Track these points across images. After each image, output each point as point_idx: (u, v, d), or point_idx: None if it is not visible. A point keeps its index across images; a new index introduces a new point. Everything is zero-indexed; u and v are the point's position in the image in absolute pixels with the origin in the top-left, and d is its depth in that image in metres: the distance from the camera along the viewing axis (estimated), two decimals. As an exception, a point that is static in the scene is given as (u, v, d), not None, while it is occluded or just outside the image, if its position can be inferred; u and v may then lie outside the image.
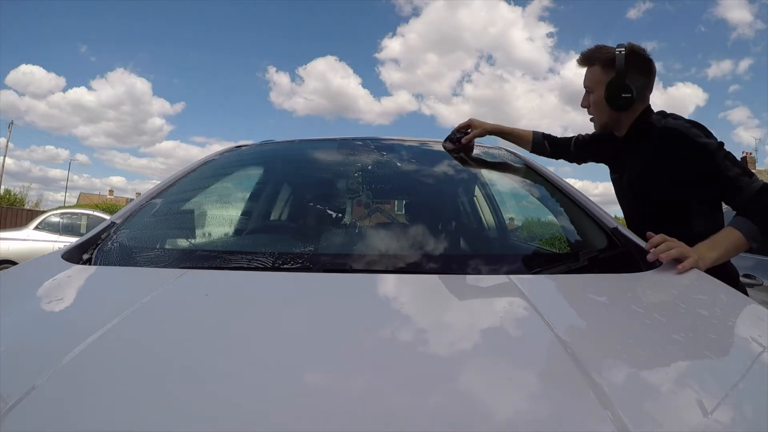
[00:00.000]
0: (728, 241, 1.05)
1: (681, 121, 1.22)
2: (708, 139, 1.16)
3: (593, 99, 1.32)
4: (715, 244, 1.03)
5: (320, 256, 0.94)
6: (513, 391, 0.48)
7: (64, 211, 7.40)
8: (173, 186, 1.30)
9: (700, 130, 1.18)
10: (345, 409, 0.44)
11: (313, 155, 1.58)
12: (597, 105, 1.32)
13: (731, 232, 1.06)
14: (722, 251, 1.02)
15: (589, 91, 1.33)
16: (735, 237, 1.05)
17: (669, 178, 1.22)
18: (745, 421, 0.46)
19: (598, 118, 1.35)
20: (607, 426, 0.42)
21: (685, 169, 1.18)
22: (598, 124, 1.37)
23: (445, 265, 0.93)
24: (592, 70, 1.31)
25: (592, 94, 1.32)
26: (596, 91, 1.30)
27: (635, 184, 1.31)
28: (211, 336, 0.59)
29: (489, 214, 1.83)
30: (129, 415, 0.44)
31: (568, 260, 0.91)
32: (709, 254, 0.98)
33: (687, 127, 1.19)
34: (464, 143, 1.51)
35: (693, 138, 1.16)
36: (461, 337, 0.61)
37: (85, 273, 0.86)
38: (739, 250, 1.06)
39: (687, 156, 1.17)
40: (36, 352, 0.56)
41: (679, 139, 1.18)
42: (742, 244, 1.05)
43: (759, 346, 0.62)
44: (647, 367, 0.54)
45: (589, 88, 1.33)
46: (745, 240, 1.05)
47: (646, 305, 0.75)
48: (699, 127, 1.19)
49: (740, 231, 1.05)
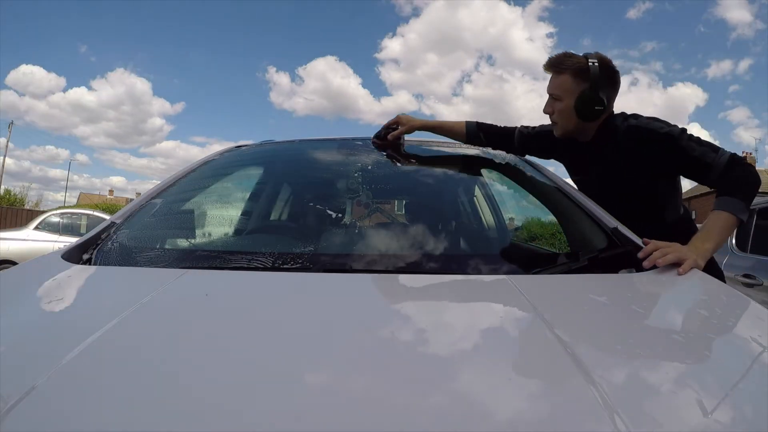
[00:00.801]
0: (719, 225, 1.05)
1: (642, 119, 1.26)
2: (669, 127, 1.20)
3: (560, 107, 1.30)
4: (707, 234, 1.03)
5: (320, 256, 0.94)
6: (513, 391, 0.48)
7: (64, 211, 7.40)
8: (173, 186, 1.30)
9: (661, 122, 1.23)
10: (345, 409, 0.44)
11: (313, 155, 1.58)
12: (563, 112, 1.30)
13: (719, 215, 1.06)
14: (717, 238, 1.03)
15: (555, 99, 1.31)
16: (724, 218, 1.06)
17: (647, 173, 1.25)
18: (745, 421, 0.46)
19: (562, 125, 1.33)
20: (607, 426, 0.42)
21: (659, 161, 1.22)
22: (562, 130, 1.34)
23: (445, 265, 0.93)
24: (562, 78, 1.29)
25: (560, 101, 1.30)
26: (565, 100, 1.29)
27: (610, 183, 1.31)
28: (211, 336, 0.59)
29: (489, 214, 1.83)
30: (129, 415, 0.44)
31: (568, 260, 0.91)
32: (706, 245, 0.99)
33: (648, 122, 1.24)
34: (390, 140, 1.51)
35: (657, 130, 1.21)
36: (461, 337, 0.61)
37: (85, 273, 0.86)
38: (731, 229, 1.06)
39: (657, 149, 1.21)
40: (36, 352, 0.56)
41: (644, 136, 1.22)
42: (732, 223, 1.06)
43: (759, 346, 0.62)
44: (647, 367, 0.54)
45: (557, 95, 1.30)
46: (734, 218, 1.05)
47: (646, 305, 0.75)
48: (658, 120, 1.24)
49: (726, 210, 1.06)
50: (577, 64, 1.26)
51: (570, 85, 1.27)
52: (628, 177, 1.27)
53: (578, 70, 1.26)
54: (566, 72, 1.28)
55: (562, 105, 1.30)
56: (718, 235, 1.04)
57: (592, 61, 1.25)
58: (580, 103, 1.26)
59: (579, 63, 1.26)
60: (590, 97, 1.25)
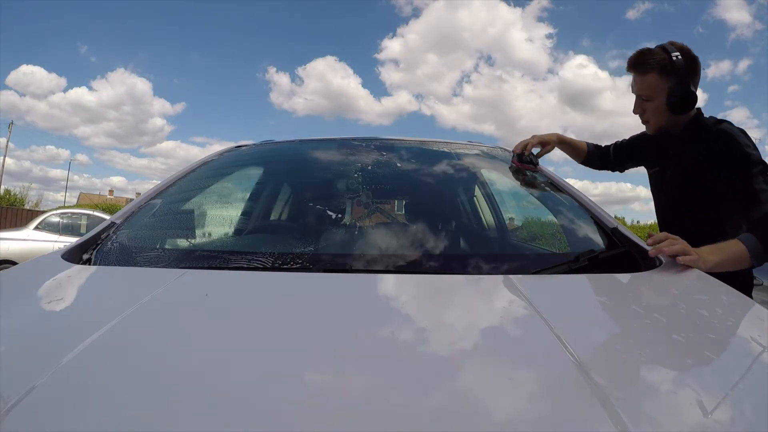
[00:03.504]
0: (731, 251, 1.03)
1: (735, 128, 1.24)
2: (753, 150, 1.19)
3: (652, 106, 1.30)
4: (717, 249, 1.01)
5: (320, 256, 0.94)
6: (513, 391, 0.48)
7: (64, 211, 7.40)
8: (173, 186, 1.30)
9: (748, 141, 1.21)
10: (345, 408, 0.44)
11: (313, 155, 1.58)
12: (656, 111, 1.30)
13: (736, 243, 1.04)
14: (723, 258, 1.00)
15: (646, 99, 1.30)
16: (738, 249, 1.03)
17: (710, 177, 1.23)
18: (745, 421, 0.46)
19: (655, 122, 1.33)
20: (607, 426, 0.42)
21: (724, 170, 1.20)
22: (655, 128, 1.35)
23: (445, 264, 0.93)
24: (649, 78, 1.27)
25: (650, 101, 1.29)
26: (656, 99, 1.28)
27: (680, 179, 1.31)
28: (211, 336, 0.59)
29: (489, 214, 1.83)
30: (129, 415, 0.44)
31: (568, 260, 0.91)
32: (710, 257, 0.97)
33: (738, 134, 1.22)
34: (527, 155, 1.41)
35: (741, 145, 1.19)
36: (461, 337, 0.61)
37: (85, 273, 0.86)
38: (740, 263, 1.03)
39: (730, 159, 1.19)
40: (36, 352, 0.56)
41: (729, 143, 1.20)
42: (744, 259, 1.03)
43: (759, 346, 0.62)
44: (647, 367, 0.54)
45: (648, 96, 1.29)
46: (748, 255, 1.03)
47: (646, 305, 0.75)
48: (747, 137, 1.22)
49: (745, 245, 1.03)
50: (661, 61, 1.25)
51: (659, 84, 1.26)
52: (698, 176, 1.25)
53: (664, 66, 1.25)
54: (652, 71, 1.26)
55: (653, 104, 1.29)
56: (726, 258, 1.01)
57: (675, 55, 1.24)
58: (672, 99, 1.26)
59: (663, 59, 1.25)
60: (682, 92, 1.24)
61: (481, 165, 1.58)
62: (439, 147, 1.59)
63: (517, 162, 1.39)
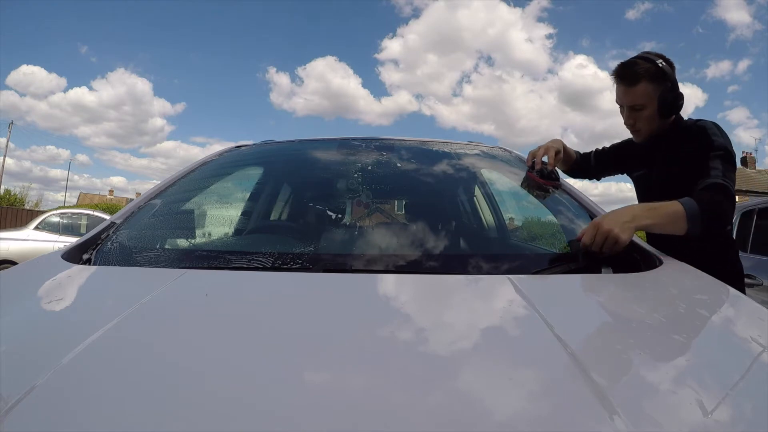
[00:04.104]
0: (665, 211, 1.03)
1: (709, 122, 1.30)
2: (720, 138, 1.23)
3: (645, 114, 1.32)
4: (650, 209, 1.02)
5: (320, 255, 0.94)
6: (513, 391, 0.48)
7: (64, 211, 7.40)
8: (173, 186, 1.30)
9: (719, 131, 1.25)
10: (345, 408, 0.44)
11: (313, 155, 1.58)
12: (648, 118, 1.32)
13: (674, 204, 1.04)
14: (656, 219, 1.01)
15: (639, 109, 1.32)
16: (675, 209, 1.03)
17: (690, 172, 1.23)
18: (745, 421, 0.46)
19: (647, 130, 1.35)
20: (607, 426, 0.42)
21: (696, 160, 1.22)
22: (646, 135, 1.36)
23: (445, 264, 0.93)
24: (641, 88, 1.29)
25: (642, 110, 1.31)
26: (649, 107, 1.30)
27: (665, 178, 1.34)
28: (211, 336, 0.59)
29: (489, 214, 1.83)
30: (129, 415, 0.44)
31: (568, 260, 0.91)
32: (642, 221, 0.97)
33: (711, 126, 1.27)
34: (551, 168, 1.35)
35: (710, 134, 1.24)
36: (461, 336, 0.61)
37: (85, 273, 0.86)
38: (675, 225, 1.03)
39: (699, 148, 1.23)
40: (36, 352, 0.56)
41: (701, 135, 1.25)
42: (679, 220, 1.02)
43: (759, 346, 0.62)
44: (647, 367, 0.54)
45: (641, 105, 1.31)
46: (684, 216, 1.02)
47: (646, 305, 0.75)
48: (720, 130, 1.26)
49: (683, 207, 1.03)
50: (649, 70, 1.28)
51: (650, 92, 1.29)
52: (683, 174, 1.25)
53: (653, 74, 1.28)
54: (642, 80, 1.28)
55: (645, 113, 1.32)
56: (660, 218, 1.02)
57: (659, 62, 1.28)
58: (663, 105, 1.29)
59: (649, 68, 1.28)
60: (672, 96, 1.29)
61: (481, 165, 1.58)
62: (439, 147, 1.59)
63: (538, 178, 1.30)
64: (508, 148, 1.62)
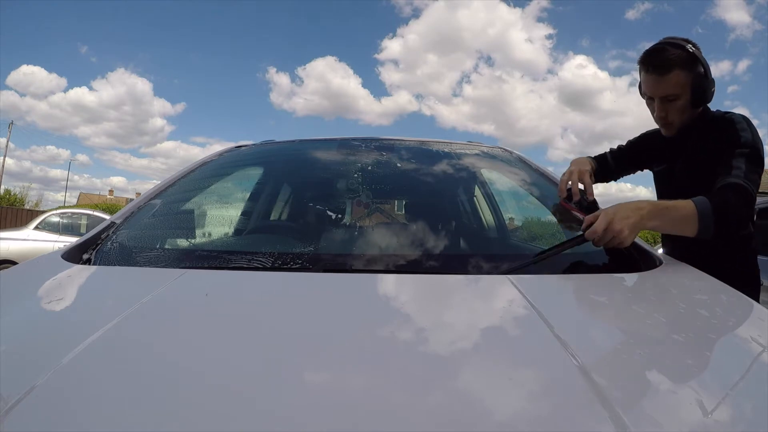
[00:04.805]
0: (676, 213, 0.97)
1: (737, 115, 1.21)
2: (748, 135, 1.13)
3: (678, 105, 1.21)
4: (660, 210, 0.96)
5: (320, 255, 0.94)
6: (513, 391, 0.48)
7: (64, 211, 7.39)
8: (173, 186, 1.30)
9: (748, 126, 1.16)
10: (345, 408, 0.44)
11: (313, 155, 1.58)
12: (681, 109, 1.21)
13: (686, 204, 0.98)
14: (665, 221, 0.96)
15: (672, 99, 1.20)
16: (687, 210, 0.96)
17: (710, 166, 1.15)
18: (745, 421, 0.46)
19: (679, 122, 1.24)
20: (607, 426, 0.42)
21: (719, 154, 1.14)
22: (678, 127, 1.25)
23: (445, 264, 0.93)
24: (674, 76, 1.17)
25: (676, 100, 1.20)
26: (683, 96, 1.20)
27: (689, 172, 1.25)
28: (211, 336, 0.59)
29: (489, 214, 1.83)
30: (129, 415, 0.44)
31: (568, 260, 0.91)
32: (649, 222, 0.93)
33: (739, 120, 1.18)
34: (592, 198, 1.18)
35: (737, 129, 1.15)
36: (461, 336, 0.61)
37: (85, 273, 0.86)
38: (685, 226, 0.97)
39: (724, 142, 1.14)
40: (36, 352, 0.56)
41: (728, 128, 1.16)
42: (690, 221, 0.96)
43: (759, 346, 0.62)
44: (647, 367, 0.54)
45: (674, 95, 1.19)
46: (696, 217, 0.95)
47: (646, 305, 0.75)
48: (749, 124, 1.17)
49: (696, 208, 0.96)
50: (681, 56, 1.17)
51: (684, 80, 1.18)
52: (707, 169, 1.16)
53: (685, 61, 1.17)
54: (675, 68, 1.17)
55: (679, 103, 1.21)
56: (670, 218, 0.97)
57: (690, 47, 1.17)
58: (697, 93, 1.19)
59: (681, 54, 1.17)
60: (706, 83, 1.19)
61: (481, 165, 1.58)
62: (439, 147, 1.59)
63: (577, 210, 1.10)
64: (509, 148, 1.62)
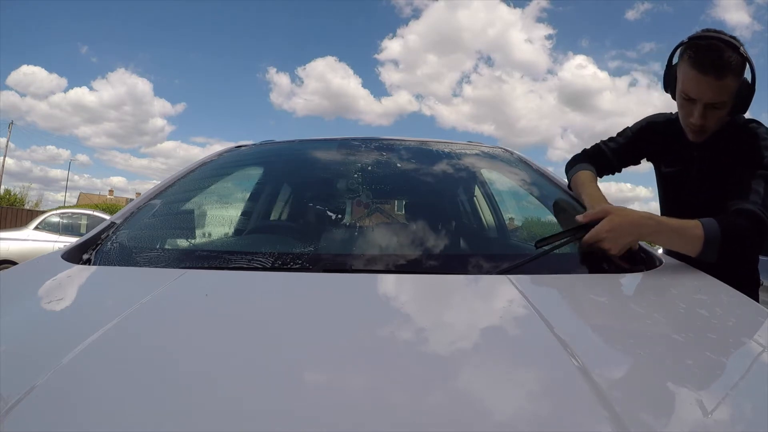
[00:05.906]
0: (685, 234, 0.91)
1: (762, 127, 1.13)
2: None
3: (721, 113, 1.10)
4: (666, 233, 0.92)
5: (320, 256, 0.94)
6: (513, 391, 0.48)
7: (64, 211, 7.40)
8: (173, 186, 1.30)
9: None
10: (345, 408, 0.44)
11: (313, 155, 1.58)
12: (722, 117, 1.11)
13: (695, 226, 0.91)
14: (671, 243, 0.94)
15: (718, 107, 1.08)
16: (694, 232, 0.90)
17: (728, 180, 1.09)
18: (745, 421, 0.46)
19: (713, 129, 1.13)
20: (607, 426, 0.42)
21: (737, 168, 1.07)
22: (708, 132, 1.14)
23: (445, 264, 0.93)
24: (728, 82, 1.05)
25: (722, 108, 1.09)
26: (728, 104, 1.09)
27: (705, 180, 1.19)
28: (211, 336, 0.59)
29: (489, 214, 1.83)
30: (129, 415, 0.44)
31: (568, 260, 0.91)
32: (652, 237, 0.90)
33: (764, 135, 1.09)
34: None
35: (761, 146, 1.06)
36: (461, 336, 0.61)
37: (85, 273, 0.86)
38: (690, 247, 0.91)
39: (744, 157, 1.07)
40: (36, 352, 0.56)
41: (749, 141, 1.09)
42: (696, 243, 0.90)
43: (759, 346, 0.62)
44: (647, 367, 0.54)
45: (721, 103, 1.08)
46: (701, 241, 0.89)
47: (646, 305, 0.75)
48: None
49: (703, 231, 0.90)
50: (737, 61, 1.05)
51: (733, 87, 1.07)
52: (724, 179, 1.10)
53: (740, 66, 1.06)
54: (730, 74, 1.05)
55: (723, 111, 1.09)
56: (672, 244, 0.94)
57: (742, 50, 1.06)
58: (741, 100, 1.09)
59: (737, 59, 1.05)
60: (750, 91, 1.09)
61: (481, 165, 1.58)
62: (439, 147, 1.59)
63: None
64: (509, 148, 1.62)
